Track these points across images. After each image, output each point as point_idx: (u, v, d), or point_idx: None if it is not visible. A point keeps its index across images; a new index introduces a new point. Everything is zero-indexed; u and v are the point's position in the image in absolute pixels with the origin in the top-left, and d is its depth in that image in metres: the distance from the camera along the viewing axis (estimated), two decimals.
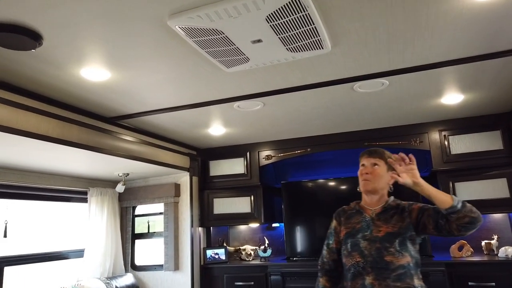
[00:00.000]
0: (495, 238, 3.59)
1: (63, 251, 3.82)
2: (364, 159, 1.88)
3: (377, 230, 1.78)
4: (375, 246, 1.73)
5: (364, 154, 1.90)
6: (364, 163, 1.86)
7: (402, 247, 1.70)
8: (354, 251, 1.78)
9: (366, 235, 1.79)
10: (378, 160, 1.84)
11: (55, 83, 2.36)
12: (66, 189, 3.77)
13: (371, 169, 1.83)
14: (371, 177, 1.82)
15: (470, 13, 1.81)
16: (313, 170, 4.59)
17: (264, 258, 4.19)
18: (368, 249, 1.74)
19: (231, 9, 1.63)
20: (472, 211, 1.61)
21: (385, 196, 1.87)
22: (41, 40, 1.82)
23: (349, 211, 1.95)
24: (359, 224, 1.85)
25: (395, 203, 1.86)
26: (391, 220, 1.78)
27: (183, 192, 4.24)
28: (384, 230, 1.76)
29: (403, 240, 1.71)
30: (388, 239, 1.72)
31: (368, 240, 1.77)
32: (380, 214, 1.83)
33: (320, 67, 2.35)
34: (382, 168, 1.84)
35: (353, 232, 1.84)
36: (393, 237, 1.73)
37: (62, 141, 2.57)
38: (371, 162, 1.84)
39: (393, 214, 1.80)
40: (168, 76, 2.37)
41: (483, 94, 3.01)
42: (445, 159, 3.67)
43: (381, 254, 1.70)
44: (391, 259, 1.68)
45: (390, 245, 1.70)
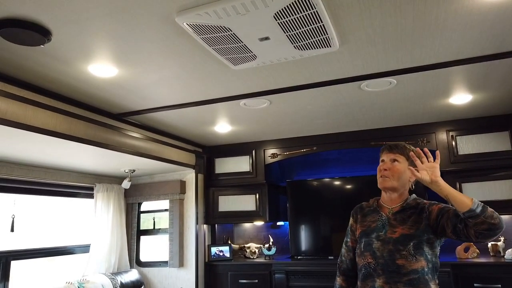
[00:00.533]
0: (501, 239, 3.56)
1: (69, 246, 3.85)
2: (384, 155, 1.77)
3: (392, 230, 1.68)
4: (387, 248, 1.64)
5: (385, 149, 1.78)
6: (384, 159, 1.76)
7: (417, 251, 1.59)
8: (367, 251, 1.70)
9: (380, 235, 1.70)
10: (399, 156, 1.73)
11: (63, 79, 2.37)
12: (73, 184, 3.79)
13: (390, 165, 1.72)
14: (390, 173, 1.71)
15: (479, 13, 1.79)
16: (318, 169, 4.58)
17: (268, 256, 4.19)
18: (380, 250, 1.66)
19: (239, 6, 1.62)
20: (493, 217, 1.46)
21: (406, 194, 1.76)
22: (49, 36, 1.83)
23: (367, 208, 1.85)
24: (375, 223, 1.75)
25: (415, 202, 1.74)
26: (408, 221, 1.68)
27: (189, 189, 4.25)
28: (399, 232, 1.66)
29: (419, 243, 1.61)
30: (402, 242, 1.63)
31: (382, 240, 1.68)
32: (397, 213, 1.72)
33: (327, 66, 2.34)
34: (402, 164, 1.72)
35: (368, 231, 1.75)
36: (408, 239, 1.62)
37: (69, 137, 2.59)
38: (391, 158, 1.73)
39: (411, 214, 1.69)
40: (175, 73, 2.37)
41: (491, 94, 2.98)
42: (452, 160, 3.64)
43: (393, 256, 1.61)
44: (403, 263, 1.59)
45: (404, 248, 1.61)
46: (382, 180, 1.73)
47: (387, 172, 1.71)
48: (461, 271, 3.37)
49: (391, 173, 1.71)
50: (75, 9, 1.64)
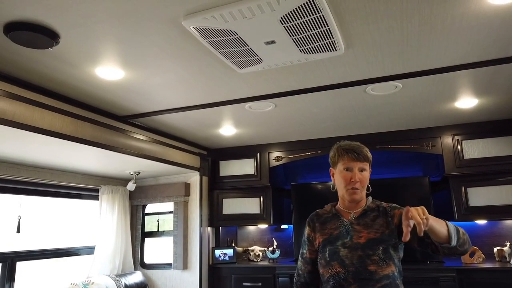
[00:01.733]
0: (507, 245, 3.53)
1: (74, 248, 3.86)
2: (349, 162, 1.63)
3: (357, 236, 1.60)
4: (357, 254, 1.56)
5: (349, 156, 1.63)
6: (350, 167, 1.63)
7: (386, 255, 1.54)
8: (333, 260, 1.59)
9: (346, 242, 1.60)
10: (365, 164, 1.64)
11: (70, 81, 2.39)
12: (78, 186, 3.81)
13: (360, 175, 1.62)
14: (361, 186, 1.63)
15: (485, 17, 1.79)
16: (323, 172, 4.57)
17: (272, 259, 4.18)
18: (349, 257, 1.56)
19: (245, 10, 1.63)
20: (464, 243, 1.43)
21: (364, 198, 1.70)
22: (58, 39, 1.85)
23: (325, 215, 1.75)
24: (337, 230, 1.66)
25: (374, 204, 1.69)
26: (373, 225, 1.61)
27: (193, 191, 4.26)
28: (365, 236, 1.59)
29: (387, 248, 1.55)
30: (371, 246, 1.56)
31: (349, 247, 1.59)
32: (359, 217, 1.65)
33: (333, 69, 2.34)
34: (368, 172, 1.66)
35: (331, 239, 1.65)
36: (376, 243, 1.56)
37: (75, 139, 2.61)
38: (359, 167, 1.63)
39: (374, 217, 1.63)
40: (181, 76, 2.39)
41: (498, 98, 2.97)
42: (457, 164, 3.63)
43: (364, 263, 1.53)
44: (375, 269, 1.52)
45: (373, 253, 1.54)
46: (352, 192, 1.62)
47: (358, 184, 1.61)
48: (466, 276, 3.35)
49: (361, 185, 1.62)
50: (83, 12, 1.65)
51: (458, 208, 3.57)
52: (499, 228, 3.81)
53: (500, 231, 3.80)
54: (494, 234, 3.81)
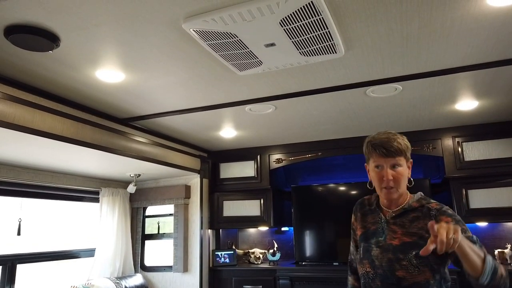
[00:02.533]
0: (508, 247, 3.53)
1: (74, 250, 3.86)
2: (379, 159, 1.47)
3: (391, 236, 1.47)
4: (387, 257, 1.44)
5: (377, 152, 1.47)
6: (381, 164, 1.46)
7: (420, 261, 1.37)
8: (365, 258, 1.51)
9: (380, 241, 1.49)
10: (399, 159, 1.45)
11: (70, 84, 2.40)
12: (79, 188, 3.81)
13: (393, 173, 1.44)
14: (396, 183, 1.45)
15: (485, 19, 1.79)
16: (323, 174, 4.57)
17: (272, 261, 4.18)
18: (379, 258, 1.46)
19: (245, 13, 1.64)
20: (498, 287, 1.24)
21: (405, 193, 1.52)
22: (58, 42, 1.86)
23: (367, 207, 1.62)
24: (374, 226, 1.54)
25: (418, 203, 1.49)
26: (411, 226, 1.45)
27: (193, 194, 4.26)
28: (399, 238, 1.45)
29: None
30: (403, 250, 1.41)
31: (381, 247, 1.47)
32: (397, 217, 1.50)
33: (333, 71, 2.34)
34: (404, 166, 1.47)
35: (367, 235, 1.55)
36: (410, 247, 1.41)
37: (76, 141, 2.61)
38: (391, 164, 1.45)
39: (414, 218, 1.46)
40: (181, 78, 2.39)
41: (498, 100, 2.97)
42: (458, 166, 3.62)
43: (393, 267, 1.41)
44: (404, 275, 1.39)
45: (404, 257, 1.40)
46: (387, 192, 1.47)
47: (392, 182, 1.44)
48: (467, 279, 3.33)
49: (396, 182, 1.45)
50: (83, 15, 1.66)
51: (459, 210, 3.56)
52: (500, 231, 3.80)
53: (501, 234, 3.79)
54: (495, 237, 3.80)
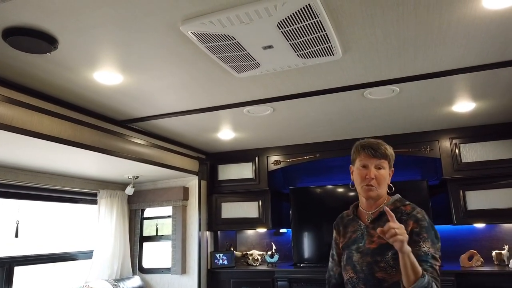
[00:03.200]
0: (506, 248, 3.53)
1: (72, 252, 3.85)
2: (365, 159, 1.58)
3: (370, 240, 1.55)
4: (366, 260, 1.51)
5: (365, 152, 1.59)
6: (366, 164, 1.58)
7: (396, 261, 1.40)
8: (348, 264, 1.58)
9: (360, 246, 1.57)
10: (383, 162, 1.58)
11: (68, 86, 2.40)
12: (77, 190, 3.81)
13: (376, 172, 1.56)
14: (376, 182, 1.55)
15: (482, 22, 1.80)
16: (321, 176, 4.58)
17: (271, 263, 4.18)
18: (360, 263, 1.53)
19: (243, 16, 1.64)
20: None
21: (384, 196, 1.60)
22: (56, 44, 1.86)
23: (347, 218, 1.72)
24: (355, 234, 1.63)
25: (393, 205, 1.57)
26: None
27: (192, 195, 4.26)
28: (376, 241, 1.52)
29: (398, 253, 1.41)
30: (380, 252, 1.49)
31: (361, 252, 1.55)
32: (375, 220, 1.58)
33: (330, 73, 2.35)
34: (386, 170, 1.59)
35: (349, 243, 1.63)
36: (386, 249, 1.46)
37: (74, 143, 2.61)
38: (376, 165, 1.57)
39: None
40: (179, 80, 2.39)
41: (495, 102, 2.98)
42: (455, 167, 3.63)
43: (372, 270, 1.48)
44: (383, 276, 1.45)
45: (382, 259, 1.47)
46: (367, 189, 1.56)
47: (374, 181, 1.55)
48: (465, 280, 3.34)
49: (377, 182, 1.55)
50: (82, 18, 1.66)
51: (457, 211, 3.57)
52: (498, 232, 3.81)
53: (498, 235, 3.80)
54: (493, 238, 3.81)
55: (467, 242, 3.85)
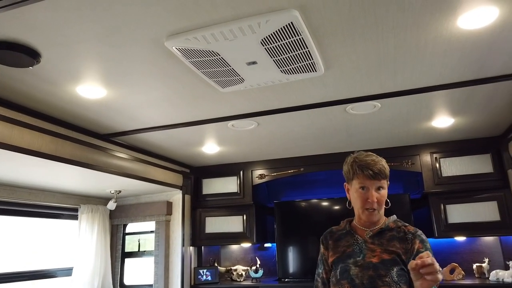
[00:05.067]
0: (486, 261, 3.60)
1: (51, 269, 3.75)
2: (365, 181, 1.53)
3: (371, 255, 1.52)
4: (367, 274, 1.47)
5: (364, 174, 1.53)
6: (367, 187, 1.53)
7: (400, 278, 1.42)
8: (343, 278, 1.51)
9: (358, 260, 1.52)
10: (383, 182, 1.53)
11: (50, 100, 2.37)
12: (57, 205, 3.73)
13: (377, 195, 1.52)
14: (379, 206, 1.52)
15: (457, 41, 1.87)
16: (306, 190, 4.60)
17: (255, 279, 4.14)
18: (359, 277, 1.48)
19: (227, 32, 1.67)
20: None
21: (383, 216, 1.60)
22: (39, 58, 1.85)
23: (338, 232, 1.67)
24: (350, 248, 1.58)
25: (395, 224, 1.57)
26: (389, 244, 1.52)
27: (175, 210, 4.21)
28: (379, 256, 1.50)
29: (402, 270, 1.44)
30: (384, 267, 1.46)
31: (360, 266, 1.50)
32: (375, 236, 1.56)
33: (313, 89, 2.39)
34: (386, 188, 1.55)
35: (343, 257, 1.58)
36: (391, 264, 1.46)
37: (55, 157, 2.57)
38: (377, 186, 1.52)
39: (391, 237, 1.53)
40: (163, 94, 2.40)
41: (473, 118, 3.07)
42: (436, 181, 3.70)
43: (375, 284, 1.44)
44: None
45: (386, 274, 1.44)
46: (370, 214, 1.53)
47: (375, 204, 1.51)
48: None
49: (379, 205, 1.52)
50: (65, 31, 1.66)
51: (438, 225, 3.63)
52: (478, 245, 3.88)
53: (479, 248, 3.87)
54: (473, 251, 3.88)
55: (448, 255, 3.91)
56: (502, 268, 3.54)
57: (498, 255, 3.77)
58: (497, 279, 3.35)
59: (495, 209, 3.50)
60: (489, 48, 1.96)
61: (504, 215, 3.46)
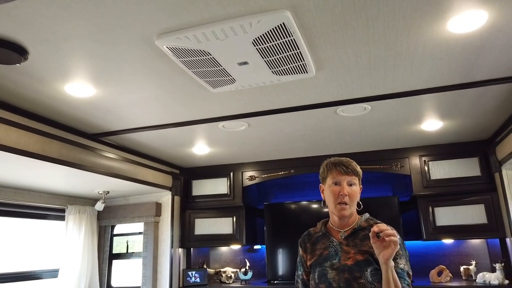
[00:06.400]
0: (473, 263, 3.64)
1: (37, 271, 3.68)
2: (338, 176, 1.60)
3: (345, 257, 1.54)
4: (344, 277, 1.50)
5: (338, 170, 1.60)
6: (340, 182, 1.59)
7: (374, 278, 1.46)
8: (322, 282, 1.54)
9: (334, 263, 1.55)
10: (355, 178, 1.60)
11: (38, 98, 2.33)
12: (43, 206, 3.67)
13: (349, 189, 1.58)
14: (350, 200, 1.57)
15: (447, 45, 1.89)
16: (296, 192, 4.60)
17: (244, 281, 4.12)
18: (336, 280, 1.51)
19: (218, 32, 1.66)
20: None
21: (355, 215, 1.63)
22: (26, 55, 1.81)
23: (315, 235, 1.70)
24: (327, 250, 1.61)
25: (367, 223, 1.61)
26: (362, 244, 1.55)
27: (164, 211, 4.18)
28: (353, 258, 1.53)
29: (376, 269, 1.47)
30: (358, 268, 1.49)
31: (337, 269, 1.53)
32: (349, 237, 1.59)
33: (304, 91, 2.40)
34: (357, 186, 1.61)
35: (320, 260, 1.60)
36: (364, 265, 1.49)
37: (42, 157, 2.52)
38: (348, 181, 1.59)
39: (364, 236, 1.55)
40: (153, 94, 2.38)
41: (461, 121, 3.11)
42: (425, 184, 3.74)
43: (351, 286, 1.47)
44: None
45: (361, 275, 1.47)
46: (341, 208, 1.56)
47: (347, 198, 1.56)
48: None
49: (350, 200, 1.57)
50: (53, 28, 1.63)
51: (426, 227, 3.66)
52: (465, 247, 3.92)
53: (466, 250, 3.91)
54: (461, 253, 3.92)
55: (436, 258, 3.94)
56: (489, 271, 3.58)
57: (485, 258, 3.82)
58: (483, 281, 3.39)
59: (482, 212, 3.55)
60: (478, 52, 1.98)
61: (491, 218, 3.50)
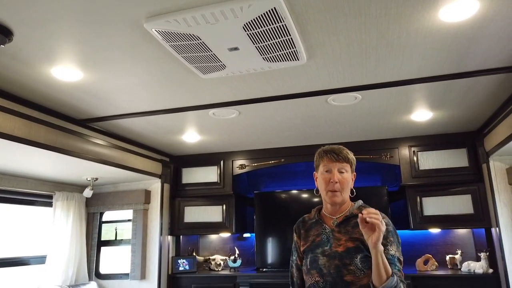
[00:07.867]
0: (458, 253, 3.70)
1: (24, 257, 3.65)
2: (329, 163, 1.61)
3: (336, 244, 1.55)
4: (334, 263, 1.51)
5: (328, 157, 1.62)
6: (330, 169, 1.60)
7: (364, 264, 1.47)
8: (313, 268, 1.56)
9: (325, 250, 1.56)
10: (346, 165, 1.61)
11: (23, 81, 2.28)
12: (30, 192, 3.62)
13: (340, 176, 1.58)
14: (341, 187, 1.58)
15: (439, 34, 1.89)
16: (286, 181, 4.61)
17: (233, 268, 4.15)
18: (327, 267, 1.52)
19: (208, 16, 1.63)
20: None
21: (348, 202, 1.64)
22: (11, 36, 1.77)
23: (309, 221, 1.71)
24: (319, 237, 1.62)
25: (359, 210, 1.55)
26: (353, 232, 1.55)
27: (154, 199, 4.16)
28: (344, 245, 1.54)
29: (366, 256, 1.47)
30: (348, 255, 1.50)
31: (328, 256, 1.54)
32: (341, 224, 1.60)
33: (295, 78, 2.38)
34: (349, 173, 1.62)
35: (313, 246, 1.61)
36: (354, 252, 1.50)
37: (28, 142, 2.48)
38: (339, 168, 1.60)
39: (356, 223, 1.51)
40: (142, 79, 2.34)
41: (450, 112, 3.13)
42: (413, 174, 3.77)
43: (341, 273, 1.48)
44: (352, 279, 1.46)
45: (350, 262, 1.48)
46: (332, 195, 1.58)
47: (338, 185, 1.57)
48: (421, 283, 3.46)
49: (341, 187, 1.58)
50: (39, 9, 1.59)
51: (414, 217, 3.70)
52: (451, 237, 3.98)
53: (452, 240, 3.97)
54: (447, 243, 3.98)
55: (423, 247, 4.00)
56: (474, 260, 3.65)
57: (471, 247, 3.88)
58: (468, 270, 3.45)
59: (469, 202, 3.60)
60: (469, 42, 1.98)
61: (477, 208, 3.55)
